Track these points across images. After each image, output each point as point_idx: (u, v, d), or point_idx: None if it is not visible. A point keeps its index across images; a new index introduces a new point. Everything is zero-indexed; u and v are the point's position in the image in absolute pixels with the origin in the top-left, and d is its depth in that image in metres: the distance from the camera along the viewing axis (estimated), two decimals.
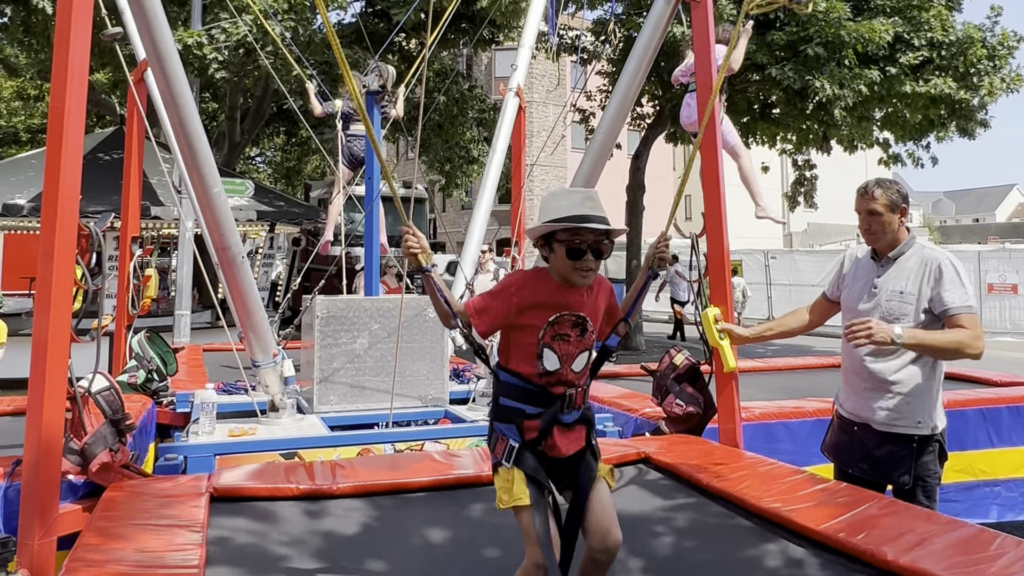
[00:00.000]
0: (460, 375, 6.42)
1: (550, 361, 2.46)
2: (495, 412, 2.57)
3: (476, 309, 2.54)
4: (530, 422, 2.48)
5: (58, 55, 3.10)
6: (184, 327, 10.41)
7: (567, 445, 2.52)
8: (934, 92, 13.27)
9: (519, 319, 2.50)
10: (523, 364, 2.50)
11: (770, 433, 4.75)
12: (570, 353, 2.49)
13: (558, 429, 2.50)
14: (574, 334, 2.50)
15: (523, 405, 2.50)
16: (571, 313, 2.49)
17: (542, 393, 2.49)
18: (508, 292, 2.52)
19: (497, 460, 2.49)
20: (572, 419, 2.53)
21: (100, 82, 19.40)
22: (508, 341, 2.57)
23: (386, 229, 7.99)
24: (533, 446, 2.47)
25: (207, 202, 4.36)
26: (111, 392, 3.52)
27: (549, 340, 2.46)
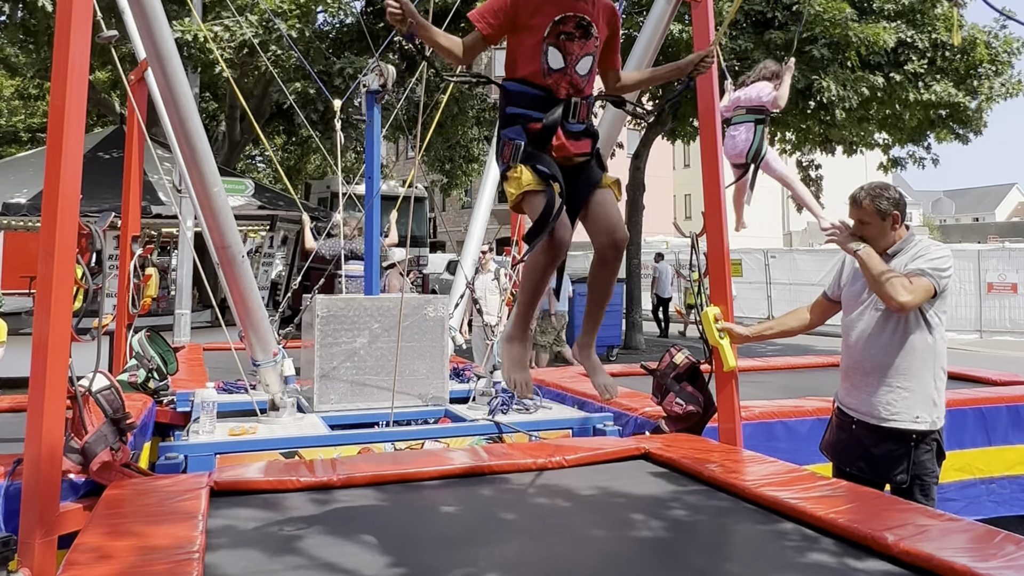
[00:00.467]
0: (460, 374, 6.42)
1: (555, 59, 2.55)
2: (502, 122, 2.65)
3: (481, 13, 2.61)
4: (534, 123, 2.56)
5: (58, 54, 3.10)
6: (184, 326, 10.41)
7: (575, 147, 2.62)
8: (935, 99, 13.28)
9: (525, 20, 2.57)
10: (528, 65, 2.58)
11: (770, 432, 4.76)
12: (574, 53, 2.57)
13: (565, 134, 2.59)
14: (578, 34, 2.58)
15: (529, 111, 2.57)
16: (575, 15, 2.57)
17: (548, 97, 2.57)
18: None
19: (505, 165, 2.58)
20: (578, 129, 2.62)
21: (100, 81, 19.39)
22: (515, 45, 2.63)
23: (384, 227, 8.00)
24: (540, 145, 2.56)
25: (207, 201, 4.36)
26: (112, 391, 3.52)
27: (554, 39, 2.55)
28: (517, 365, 2.88)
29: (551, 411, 5.16)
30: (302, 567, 2.60)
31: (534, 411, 5.09)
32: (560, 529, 3.03)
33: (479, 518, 3.19)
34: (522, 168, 2.53)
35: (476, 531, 3.01)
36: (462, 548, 2.82)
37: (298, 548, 2.75)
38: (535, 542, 2.91)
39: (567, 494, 3.40)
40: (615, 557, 2.76)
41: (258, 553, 2.71)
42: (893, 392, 3.48)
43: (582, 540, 2.93)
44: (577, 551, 2.83)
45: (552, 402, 5.41)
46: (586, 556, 2.78)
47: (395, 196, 18.34)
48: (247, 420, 4.81)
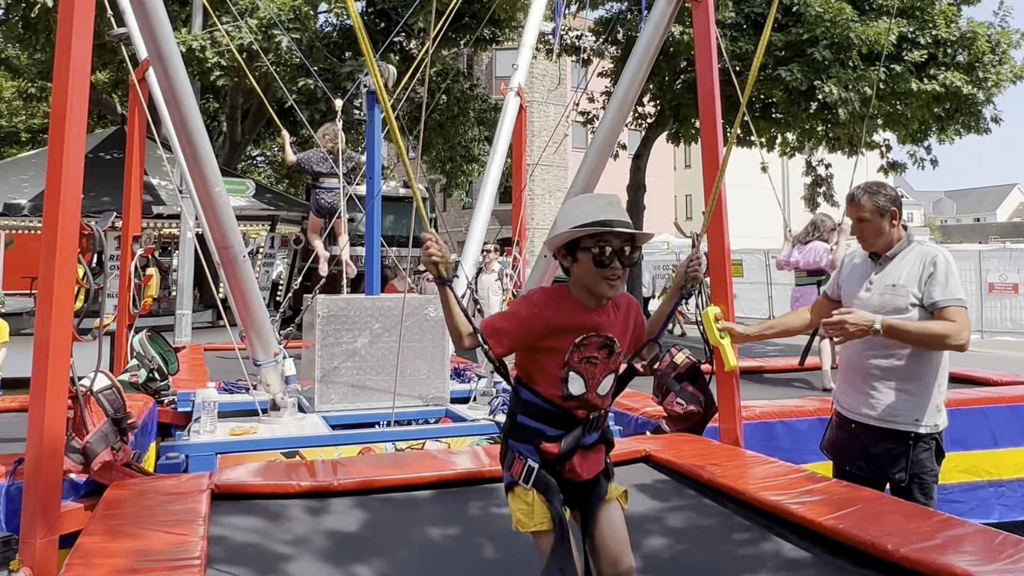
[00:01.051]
0: (461, 374, 6.43)
1: (576, 385, 2.34)
2: (511, 430, 2.44)
3: (493, 330, 2.39)
4: (549, 444, 2.36)
5: (60, 54, 3.11)
6: (185, 326, 10.41)
7: (586, 469, 2.41)
8: (939, 89, 13.28)
9: (541, 342, 2.37)
10: (546, 386, 2.37)
11: (770, 432, 4.76)
12: (596, 376, 2.37)
13: (579, 452, 2.40)
14: (601, 356, 2.37)
15: (543, 426, 2.38)
16: (598, 334, 2.37)
17: (564, 416, 2.38)
18: (529, 314, 2.38)
19: (513, 480, 2.37)
20: (593, 440, 2.43)
21: (101, 82, 19.41)
22: (529, 362, 2.43)
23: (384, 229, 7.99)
24: (550, 467, 2.36)
25: (208, 201, 4.36)
26: (113, 391, 3.52)
27: (576, 363, 2.34)
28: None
29: None
30: (302, 567, 2.60)
31: None
32: None
33: (480, 522, 3.19)
34: (534, 496, 2.33)
35: (477, 534, 3.01)
36: (463, 551, 2.82)
37: (296, 549, 2.76)
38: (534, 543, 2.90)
39: None
40: None
41: (257, 553, 2.72)
42: (893, 394, 3.47)
43: None
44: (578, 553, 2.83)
45: None
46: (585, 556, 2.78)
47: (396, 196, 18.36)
48: (248, 420, 4.81)
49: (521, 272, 7.19)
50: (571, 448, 2.37)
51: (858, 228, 3.63)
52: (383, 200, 6.92)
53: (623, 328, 2.49)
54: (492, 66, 35.09)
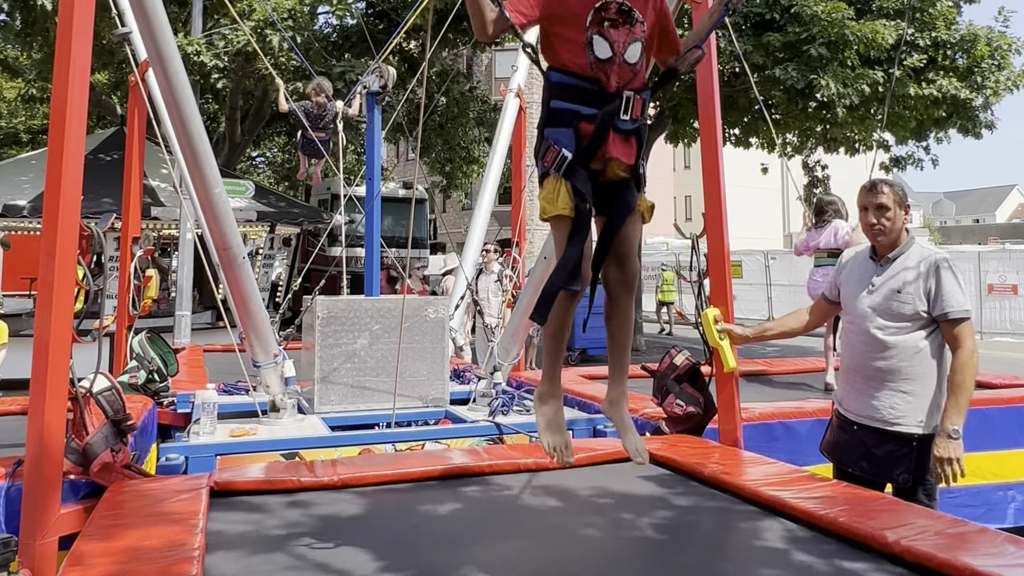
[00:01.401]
0: (461, 375, 6.43)
1: (601, 48, 2.34)
2: (546, 118, 2.44)
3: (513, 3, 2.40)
4: (586, 124, 2.36)
5: (60, 55, 3.10)
6: (185, 328, 10.42)
7: (622, 151, 2.41)
8: (937, 94, 13.28)
9: (562, 7, 2.39)
10: (572, 56, 2.39)
11: (770, 433, 4.76)
12: (621, 40, 2.36)
13: (613, 135, 2.39)
14: (621, 19, 2.37)
15: (577, 106, 2.38)
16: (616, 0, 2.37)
17: (598, 91, 2.37)
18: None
19: (545, 169, 2.40)
20: (629, 127, 2.42)
21: (101, 83, 19.41)
22: (553, 38, 2.45)
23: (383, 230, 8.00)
24: (585, 159, 2.38)
25: (208, 202, 4.36)
26: (112, 392, 3.52)
27: (597, 26, 2.35)
28: (551, 427, 2.65)
29: None
30: (301, 568, 2.60)
31: (534, 412, 5.09)
32: (559, 530, 3.03)
33: (478, 519, 3.19)
34: (562, 184, 2.35)
35: (475, 532, 3.01)
36: (461, 549, 2.82)
37: (298, 549, 2.75)
38: (534, 543, 2.91)
39: (567, 495, 3.40)
40: (614, 558, 2.77)
41: (257, 554, 2.71)
42: (896, 396, 3.47)
43: (581, 541, 2.93)
44: (576, 552, 2.84)
45: None
46: (585, 557, 2.78)
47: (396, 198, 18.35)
48: (248, 421, 4.81)
49: (520, 273, 7.20)
50: (605, 124, 2.36)
51: (876, 216, 3.56)
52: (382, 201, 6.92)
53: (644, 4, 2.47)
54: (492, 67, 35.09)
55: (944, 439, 3.30)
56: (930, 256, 3.50)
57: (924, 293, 3.43)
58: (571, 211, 2.34)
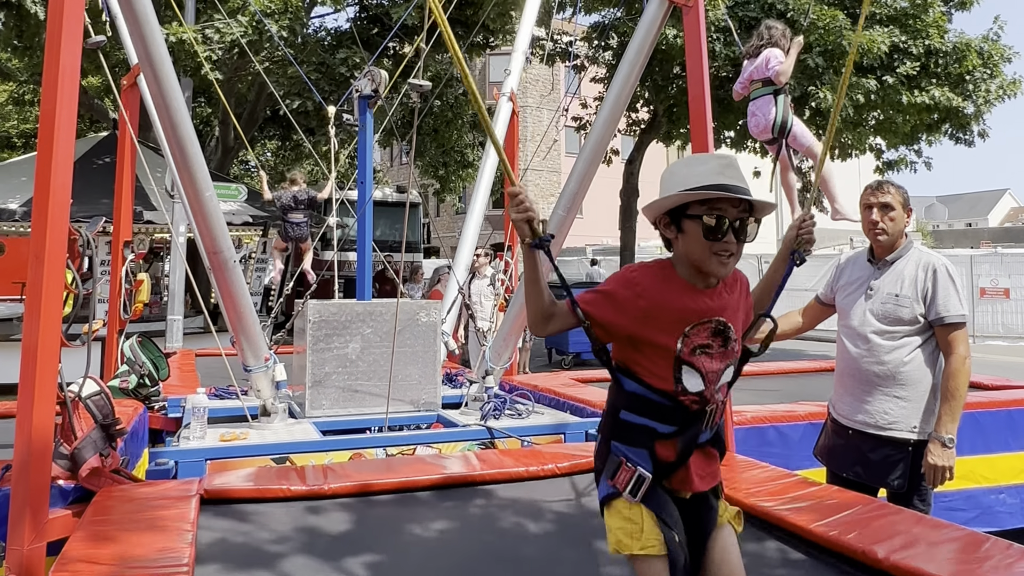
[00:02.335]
0: (452, 379, 6.42)
1: (692, 381, 2.01)
2: (613, 429, 2.08)
3: (587, 308, 2.05)
4: (663, 444, 2.02)
5: (49, 59, 3.09)
6: (176, 332, 10.37)
7: (702, 477, 2.07)
8: (930, 101, 13.32)
9: (645, 332, 2.02)
10: (655, 379, 2.03)
11: (762, 437, 4.75)
12: (715, 369, 2.03)
13: (696, 454, 2.06)
14: (716, 344, 2.04)
15: (653, 423, 2.02)
16: (710, 319, 2.03)
17: (678, 409, 2.02)
18: (627, 296, 2.03)
19: (616, 491, 2.01)
20: (707, 438, 2.08)
21: (93, 87, 19.37)
22: (631, 352, 2.08)
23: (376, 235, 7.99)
24: (661, 479, 2.02)
25: (198, 206, 4.35)
26: (101, 397, 3.50)
27: (688, 356, 2.01)
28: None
29: (543, 416, 5.16)
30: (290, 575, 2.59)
31: (527, 416, 5.09)
32: (552, 536, 3.02)
33: (471, 526, 3.18)
34: (643, 513, 1.98)
35: (468, 539, 3.01)
36: (453, 557, 2.81)
37: (286, 556, 2.75)
38: (528, 549, 2.90)
39: (558, 502, 3.40)
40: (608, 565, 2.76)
41: (246, 560, 2.70)
42: (891, 402, 3.46)
43: (571, 549, 2.92)
44: (568, 559, 2.83)
45: (545, 407, 5.41)
46: (577, 564, 2.78)
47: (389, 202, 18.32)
48: (238, 426, 4.79)
49: (513, 277, 7.20)
50: (688, 448, 2.03)
51: (880, 215, 3.55)
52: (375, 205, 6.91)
53: (736, 310, 2.13)
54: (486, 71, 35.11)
55: (938, 446, 3.30)
56: (929, 260, 3.50)
57: (921, 297, 3.43)
58: (660, 546, 1.95)
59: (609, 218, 25.43)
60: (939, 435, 3.31)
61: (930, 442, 3.34)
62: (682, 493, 2.08)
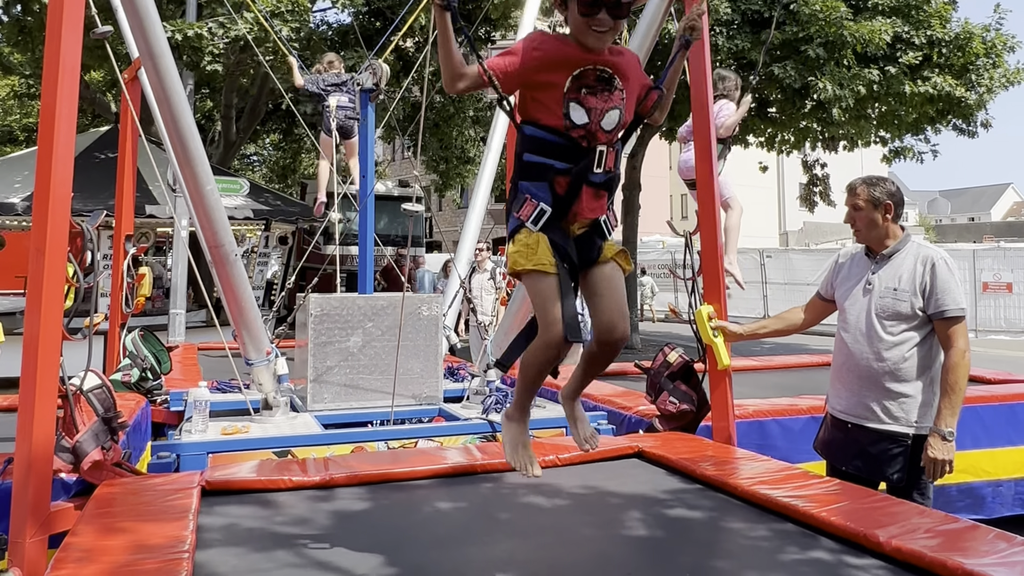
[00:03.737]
0: (454, 373, 6.42)
1: (578, 115, 2.33)
2: (520, 171, 2.42)
3: (493, 65, 2.37)
4: (560, 179, 2.34)
5: (49, 52, 3.09)
6: (179, 326, 10.40)
7: (590, 211, 2.39)
8: (933, 91, 13.27)
9: (539, 75, 2.36)
10: (548, 117, 2.36)
11: (764, 431, 4.76)
12: (598, 107, 2.34)
13: (586, 188, 2.37)
14: (599, 87, 2.35)
15: (551, 160, 2.35)
16: (596, 67, 2.35)
17: (571, 146, 2.35)
18: (527, 47, 2.38)
19: (520, 222, 2.36)
20: (601, 179, 2.39)
21: (95, 81, 19.35)
22: (530, 100, 2.42)
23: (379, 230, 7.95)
24: (560, 214, 2.34)
25: (200, 200, 4.35)
26: (103, 390, 3.51)
27: (575, 94, 2.33)
28: (516, 446, 2.65)
29: (545, 410, 5.16)
30: (292, 566, 2.59)
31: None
32: (552, 528, 3.02)
33: (471, 517, 3.18)
34: (540, 238, 2.31)
35: (468, 530, 3.00)
36: (454, 547, 2.81)
37: (289, 548, 2.75)
38: (527, 541, 2.90)
39: (560, 493, 3.39)
40: (607, 556, 2.76)
41: (248, 552, 2.71)
42: (890, 396, 3.46)
43: (574, 539, 2.92)
44: (569, 550, 2.83)
45: (547, 401, 5.41)
46: (578, 556, 2.78)
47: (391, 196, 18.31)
48: (240, 419, 4.80)
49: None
50: (579, 179, 2.34)
51: (851, 216, 3.62)
52: (377, 200, 6.91)
53: (624, 68, 2.45)
54: None
55: (938, 440, 3.30)
56: (927, 253, 3.49)
57: (920, 290, 3.43)
58: (551, 265, 2.29)
59: None
60: (939, 429, 3.31)
61: (930, 436, 3.34)
62: (573, 229, 2.39)
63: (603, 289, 2.41)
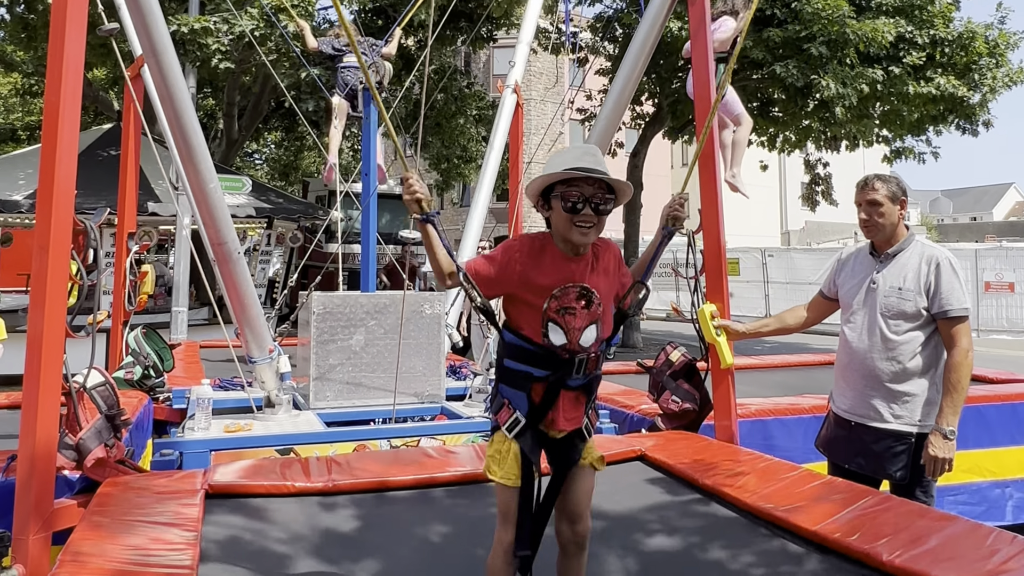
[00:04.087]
0: (456, 371, 6.42)
1: (556, 335, 2.35)
2: (501, 374, 2.45)
3: (475, 273, 2.41)
4: (538, 385, 2.37)
5: (53, 50, 3.09)
6: (181, 324, 10.40)
7: (567, 419, 2.40)
8: (936, 92, 13.26)
9: (520, 291, 2.38)
10: (529, 331, 2.38)
11: (766, 430, 4.75)
12: (577, 327, 2.36)
13: (564, 394, 2.39)
14: (579, 307, 2.37)
15: (530, 368, 2.38)
16: (575, 284, 2.37)
17: (550, 356, 2.36)
18: (506, 260, 2.40)
19: (497, 425, 2.40)
20: (579, 383, 2.40)
21: (98, 78, 19.36)
22: (511, 307, 2.45)
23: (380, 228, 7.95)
24: (535, 422, 2.36)
25: (203, 197, 4.35)
26: (106, 387, 3.51)
27: (554, 314, 2.35)
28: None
29: None
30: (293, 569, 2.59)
31: None
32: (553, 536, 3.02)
33: (473, 521, 3.18)
34: (511, 448, 2.35)
35: (470, 534, 3.00)
36: (456, 551, 2.82)
37: (290, 549, 2.75)
38: None
39: None
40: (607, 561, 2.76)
41: (250, 552, 2.71)
42: (895, 395, 3.45)
43: None
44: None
45: None
46: None
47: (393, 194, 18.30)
48: (243, 417, 4.80)
49: None
50: (555, 388, 2.37)
51: (868, 212, 3.57)
52: (379, 198, 6.91)
53: (603, 276, 2.48)
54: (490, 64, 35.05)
55: (939, 438, 3.30)
56: (931, 253, 3.48)
57: (924, 289, 3.42)
58: (517, 480, 2.33)
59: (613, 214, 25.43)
60: (940, 427, 3.31)
61: (931, 434, 3.34)
62: (552, 433, 2.41)
63: (575, 485, 2.44)
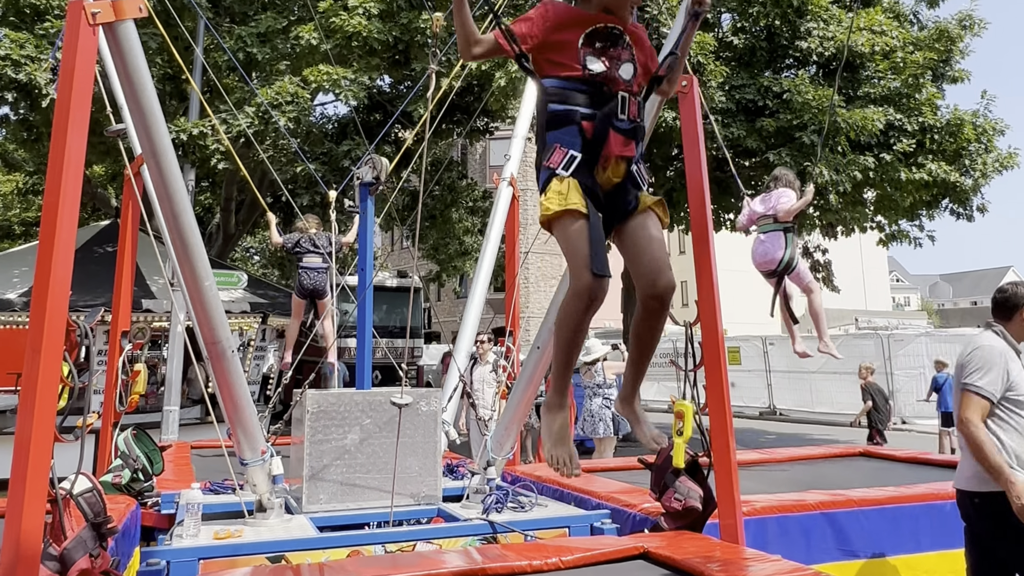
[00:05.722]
0: (454, 470, 6.27)
1: (595, 64, 2.44)
2: (546, 123, 2.48)
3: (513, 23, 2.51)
4: (587, 123, 2.40)
5: (54, 151, 3.10)
6: (172, 423, 10.23)
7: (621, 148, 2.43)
8: (928, 178, 13.50)
9: (554, 34, 2.48)
10: (567, 70, 2.47)
11: (773, 528, 4.62)
12: (614, 56, 2.47)
13: (613, 133, 2.43)
14: (612, 43, 2.48)
15: (575, 106, 2.42)
16: (607, 25, 2.49)
17: (594, 91, 2.44)
18: (542, 10, 2.53)
19: (551, 171, 2.40)
20: (627, 127, 2.46)
21: (96, 175, 19.62)
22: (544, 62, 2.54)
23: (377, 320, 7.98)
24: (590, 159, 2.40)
25: (198, 296, 4.32)
26: (93, 494, 3.41)
27: (589, 47, 2.46)
28: (557, 440, 2.59)
29: (547, 509, 5.02)
30: None
31: (530, 509, 4.95)
32: None
33: None
34: (571, 183, 2.37)
35: None
36: None
37: None
38: None
39: None
40: None
41: None
42: None
43: None
44: None
45: (549, 499, 5.27)
46: None
47: (389, 287, 18.36)
48: (233, 522, 4.65)
49: (515, 363, 7.11)
50: (606, 123, 2.40)
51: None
52: (375, 290, 6.89)
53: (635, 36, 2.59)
54: (486, 155, 35.69)
55: None
56: None
57: None
58: (583, 205, 2.32)
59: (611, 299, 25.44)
60: None
61: None
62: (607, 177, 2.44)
63: (641, 241, 2.46)
